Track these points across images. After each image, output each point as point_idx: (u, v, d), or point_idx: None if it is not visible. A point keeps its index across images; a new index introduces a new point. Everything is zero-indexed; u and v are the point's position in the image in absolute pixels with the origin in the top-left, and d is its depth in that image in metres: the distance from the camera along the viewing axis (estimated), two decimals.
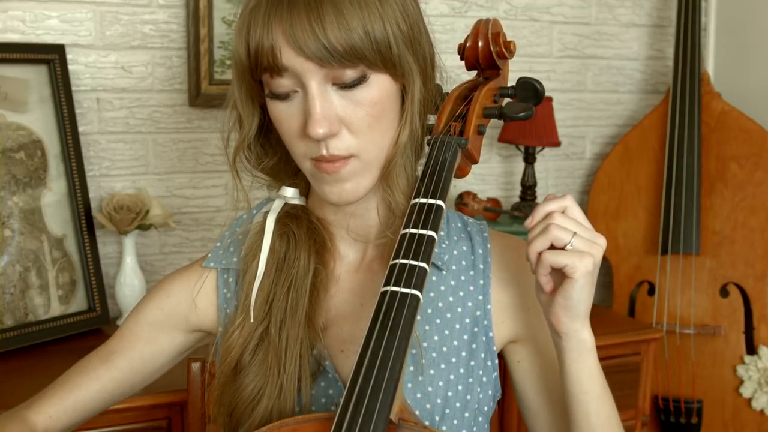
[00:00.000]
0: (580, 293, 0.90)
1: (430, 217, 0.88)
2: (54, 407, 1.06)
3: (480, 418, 1.02)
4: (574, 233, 0.89)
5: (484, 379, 1.02)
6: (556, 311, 0.92)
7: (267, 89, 0.93)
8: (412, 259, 0.85)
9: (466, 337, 1.02)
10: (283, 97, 0.92)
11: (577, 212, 0.92)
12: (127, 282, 1.97)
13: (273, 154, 1.04)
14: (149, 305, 1.11)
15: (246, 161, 1.03)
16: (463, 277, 1.04)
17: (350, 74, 0.90)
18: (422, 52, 0.96)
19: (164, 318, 1.10)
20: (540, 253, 0.90)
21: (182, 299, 1.09)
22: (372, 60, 0.89)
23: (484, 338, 1.03)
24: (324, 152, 0.92)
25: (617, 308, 2.49)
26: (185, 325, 1.10)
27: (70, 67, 1.97)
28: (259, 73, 0.92)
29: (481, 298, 1.04)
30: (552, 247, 0.90)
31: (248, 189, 1.04)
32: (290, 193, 1.05)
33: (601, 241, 0.91)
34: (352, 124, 0.92)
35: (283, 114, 0.93)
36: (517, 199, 2.44)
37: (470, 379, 1.01)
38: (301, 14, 0.86)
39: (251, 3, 0.91)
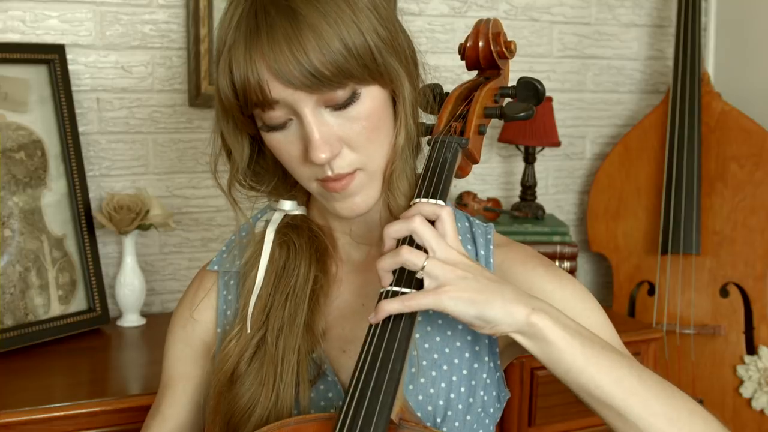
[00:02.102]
0: (477, 310, 0.84)
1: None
2: None
3: (486, 421, 1.01)
4: (427, 257, 0.84)
5: (488, 381, 1.01)
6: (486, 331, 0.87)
7: (260, 122, 0.93)
8: None
9: (469, 338, 1.01)
10: (279, 127, 0.92)
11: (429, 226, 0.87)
12: (127, 282, 1.97)
13: (270, 178, 1.04)
14: (174, 343, 1.12)
15: (240, 188, 1.03)
16: None
17: (341, 95, 0.89)
18: (403, 52, 0.95)
19: (191, 351, 1.11)
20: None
21: (196, 325, 1.10)
22: (360, 76, 0.89)
23: (487, 341, 1.01)
24: (329, 173, 0.92)
25: (617, 308, 2.49)
26: (208, 351, 1.10)
27: (70, 67, 1.97)
28: (249, 109, 0.91)
29: None
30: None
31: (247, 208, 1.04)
32: (288, 206, 1.05)
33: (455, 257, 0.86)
34: (351, 140, 0.92)
35: (281, 142, 0.93)
36: (517, 199, 2.44)
37: (473, 382, 1.00)
38: (281, 45, 0.85)
39: (228, 41, 0.89)
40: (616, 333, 1.02)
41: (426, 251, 0.86)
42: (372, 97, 0.91)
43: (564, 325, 0.87)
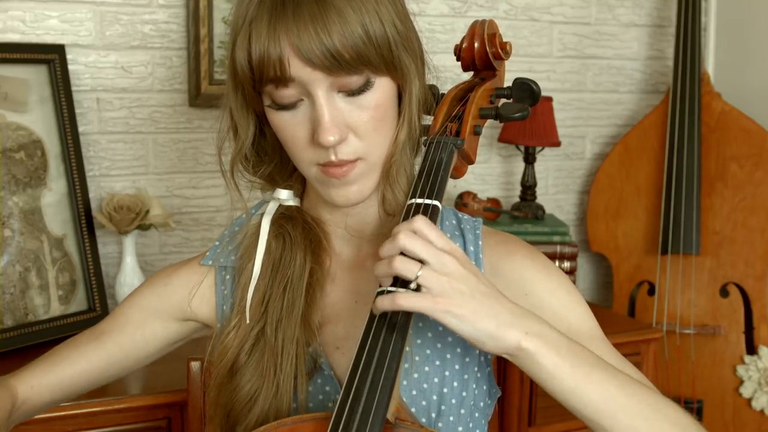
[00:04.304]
0: (470, 328, 0.83)
1: (426, 217, 0.88)
2: (37, 378, 1.07)
3: (476, 414, 1.02)
4: (421, 266, 0.82)
5: (479, 374, 1.03)
6: (478, 347, 0.87)
7: (269, 100, 0.93)
8: None
9: None
10: (289, 107, 0.92)
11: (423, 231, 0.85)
12: (127, 282, 1.97)
13: (269, 161, 1.04)
14: (146, 291, 1.12)
15: (243, 170, 1.03)
16: None
17: (356, 80, 0.90)
18: (413, 50, 0.97)
19: (159, 304, 1.11)
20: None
21: (179, 289, 1.10)
22: (376, 64, 0.90)
23: None
24: (333, 158, 0.92)
25: (617, 308, 2.49)
26: (180, 314, 1.11)
27: (70, 67, 1.97)
28: (262, 84, 0.91)
29: None
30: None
31: (246, 195, 1.04)
32: (285, 195, 1.05)
33: (451, 265, 0.83)
34: (358, 128, 0.93)
35: (288, 123, 0.94)
36: (517, 199, 2.44)
37: (465, 376, 1.01)
38: (307, 24, 0.86)
39: (249, 14, 0.90)
40: (597, 324, 1.03)
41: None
42: (383, 88, 0.93)
43: (556, 346, 0.87)
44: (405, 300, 0.82)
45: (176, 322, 1.12)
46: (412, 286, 0.83)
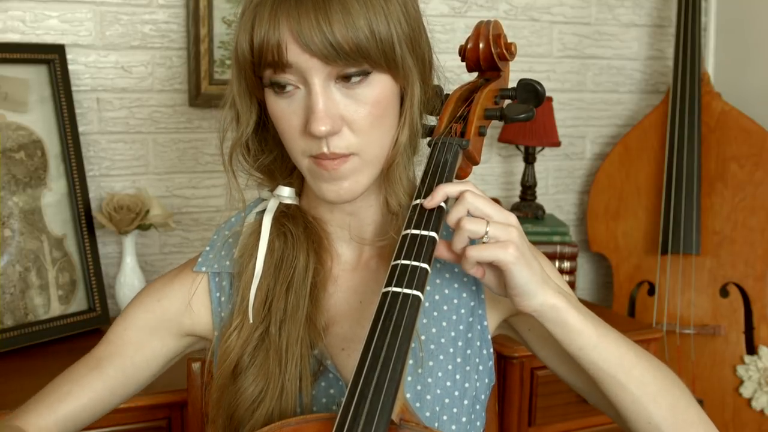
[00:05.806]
0: (521, 277, 0.88)
1: (431, 218, 0.89)
2: (44, 419, 1.02)
3: (477, 406, 1.04)
4: (488, 222, 0.88)
5: (481, 367, 1.04)
6: (513, 300, 0.92)
7: (267, 82, 0.93)
8: (414, 260, 0.86)
9: (462, 327, 1.04)
10: (284, 90, 0.92)
11: (480, 195, 0.90)
12: (127, 282, 1.97)
13: (269, 152, 1.03)
14: (139, 310, 1.08)
15: (243, 159, 1.02)
16: (456, 270, 1.06)
17: (354, 72, 0.90)
18: (421, 53, 0.97)
19: (156, 322, 1.07)
20: (463, 250, 0.89)
21: (174, 302, 1.07)
22: (376, 60, 0.90)
23: (479, 327, 1.05)
24: (325, 150, 0.92)
25: (617, 308, 2.49)
26: (177, 330, 1.07)
27: (70, 67, 1.97)
28: (261, 69, 0.92)
29: (474, 288, 1.06)
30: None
31: (243, 188, 1.03)
32: (287, 193, 1.04)
33: (513, 220, 0.89)
34: (354, 122, 0.92)
35: (284, 111, 0.93)
36: (517, 199, 2.44)
37: (467, 367, 1.03)
38: (308, 11, 0.87)
39: None
40: None
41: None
42: (382, 86, 0.93)
43: (577, 307, 0.94)
44: (476, 252, 0.87)
45: (174, 338, 1.08)
46: (485, 239, 0.88)
